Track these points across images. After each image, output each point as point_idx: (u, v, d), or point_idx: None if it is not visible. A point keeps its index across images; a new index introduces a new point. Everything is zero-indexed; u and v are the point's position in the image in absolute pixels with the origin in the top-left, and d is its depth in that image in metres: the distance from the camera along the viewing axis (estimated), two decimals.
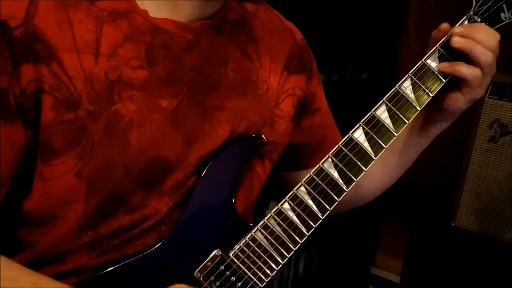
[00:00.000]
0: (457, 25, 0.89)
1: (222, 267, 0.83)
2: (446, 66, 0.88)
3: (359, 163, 0.85)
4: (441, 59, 0.88)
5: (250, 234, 0.84)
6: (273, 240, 0.84)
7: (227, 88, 0.88)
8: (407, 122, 0.87)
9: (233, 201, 0.87)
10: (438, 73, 0.88)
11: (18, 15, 0.76)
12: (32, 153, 0.78)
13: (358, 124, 0.85)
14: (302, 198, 0.84)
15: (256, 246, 0.84)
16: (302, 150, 1.03)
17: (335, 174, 0.85)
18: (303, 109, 1.00)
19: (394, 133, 0.87)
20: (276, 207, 0.84)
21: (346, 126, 0.88)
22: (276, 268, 0.84)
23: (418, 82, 0.87)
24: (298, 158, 1.03)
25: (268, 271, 0.84)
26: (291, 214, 0.84)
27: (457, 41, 0.87)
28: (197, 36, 0.86)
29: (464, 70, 0.88)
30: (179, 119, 0.83)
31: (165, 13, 0.84)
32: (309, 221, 0.84)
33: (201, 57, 0.86)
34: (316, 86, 1.03)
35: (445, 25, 0.90)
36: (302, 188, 0.85)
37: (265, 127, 0.92)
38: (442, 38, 0.89)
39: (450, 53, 0.88)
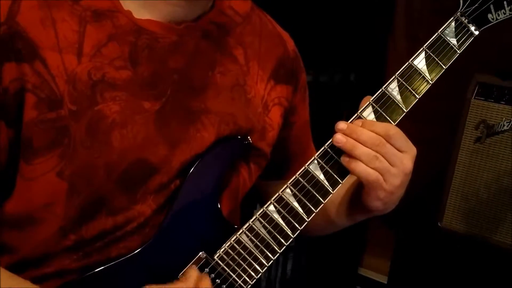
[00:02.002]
0: (443, 26, 0.89)
1: (206, 270, 0.82)
2: (345, 160, 0.83)
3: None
4: (427, 60, 0.88)
5: (235, 237, 0.83)
6: (258, 243, 0.83)
7: (213, 91, 0.87)
8: (393, 123, 0.86)
9: (218, 203, 0.86)
10: (425, 74, 0.88)
11: (0, 14, 0.76)
12: (15, 152, 0.78)
13: None
14: (288, 200, 0.84)
15: (241, 248, 0.83)
16: (272, 161, 0.99)
17: (321, 176, 0.84)
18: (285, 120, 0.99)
19: None
20: (261, 209, 0.84)
21: (333, 128, 0.87)
22: (261, 271, 0.84)
23: (404, 83, 0.87)
24: (268, 169, 0.99)
25: (253, 274, 0.84)
26: (276, 216, 0.84)
27: (337, 140, 0.82)
28: (182, 38, 0.85)
29: (358, 169, 0.82)
30: (162, 121, 0.82)
31: (148, 14, 0.84)
32: (295, 223, 0.84)
33: (186, 60, 0.85)
34: (299, 99, 1.01)
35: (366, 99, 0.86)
36: (288, 190, 0.84)
37: (255, 134, 0.90)
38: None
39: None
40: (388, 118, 0.86)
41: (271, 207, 0.84)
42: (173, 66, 0.84)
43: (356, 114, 0.85)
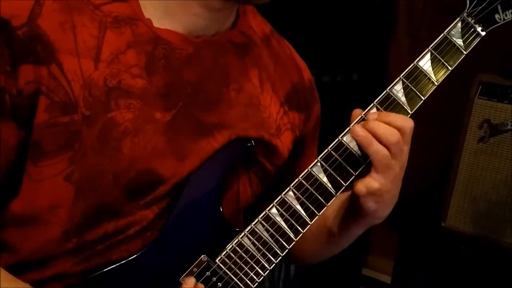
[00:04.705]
0: (449, 27, 0.87)
1: (208, 273, 0.82)
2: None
3: (348, 167, 0.84)
4: (433, 61, 0.87)
5: (237, 240, 0.83)
6: (260, 246, 0.83)
7: (227, 106, 0.87)
8: None
9: (220, 205, 0.85)
10: (430, 76, 0.87)
11: (22, 15, 0.76)
12: (23, 153, 0.78)
13: (348, 128, 0.84)
14: (291, 203, 0.83)
15: (243, 251, 0.83)
16: (276, 185, 0.95)
17: (324, 179, 0.83)
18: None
19: None
20: (264, 212, 0.83)
21: (336, 129, 0.87)
22: (263, 274, 0.83)
23: (410, 85, 0.86)
24: (270, 192, 0.95)
25: (255, 277, 0.83)
26: (279, 219, 0.83)
27: (356, 133, 0.81)
28: (198, 51, 0.85)
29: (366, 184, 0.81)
30: (172, 133, 0.82)
31: (169, 24, 0.84)
32: (297, 226, 0.83)
33: (200, 73, 0.85)
34: (310, 130, 1.00)
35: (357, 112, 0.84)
36: (290, 193, 0.83)
37: (262, 149, 0.89)
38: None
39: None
40: None
41: (274, 210, 0.83)
42: (187, 78, 0.84)
43: (360, 116, 0.84)
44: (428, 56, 0.87)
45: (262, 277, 0.83)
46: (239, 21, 0.91)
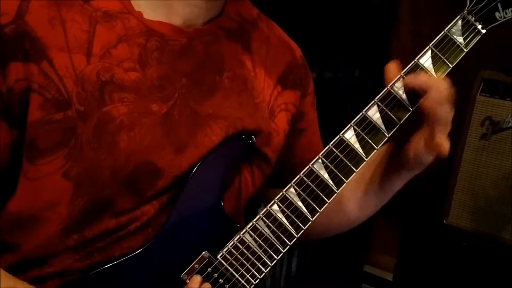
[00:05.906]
0: (450, 25, 0.87)
1: (209, 269, 0.82)
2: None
3: (350, 164, 0.84)
4: (434, 59, 0.87)
5: (238, 236, 0.83)
6: (262, 242, 0.83)
7: (221, 96, 0.87)
8: (399, 123, 0.86)
9: (221, 202, 0.86)
10: (431, 73, 0.87)
11: (9, 12, 0.76)
12: (18, 153, 0.78)
13: (349, 125, 0.84)
14: (292, 200, 0.83)
15: (244, 248, 0.83)
16: (278, 168, 0.97)
17: (326, 175, 0.83)
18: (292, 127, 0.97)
19: (386, 134, 0.85)
20: (265, 209, 0.83)
21: (338, 125, 0.87)
22: (265, 270, 0.83)
23: None
24: (278, 175, 0.97)
25: (256, 273, 0.83)
26: (280, 215, 0.83)
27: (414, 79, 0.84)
28: (191, 42, 0.85)
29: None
30: (169, 125, 0.82)
31: (160, 16, 0.84)
32: (299, 222, 0.83)
33: (194, 64, 0.85)
34: (308, 105, 1.00)
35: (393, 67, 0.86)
36: (292, 190, 0.83)
37: (261, 138, 0.90)
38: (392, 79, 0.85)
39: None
40: (393, 117, 0.85)
41: (275, 207, 0.83)
42: (182, 69, 0.84)
43: (361, 113, 0.84)
44: (429, 53, 0.87)
45: (264, 274, 0.83)
46: (226, 6, 0.90)
